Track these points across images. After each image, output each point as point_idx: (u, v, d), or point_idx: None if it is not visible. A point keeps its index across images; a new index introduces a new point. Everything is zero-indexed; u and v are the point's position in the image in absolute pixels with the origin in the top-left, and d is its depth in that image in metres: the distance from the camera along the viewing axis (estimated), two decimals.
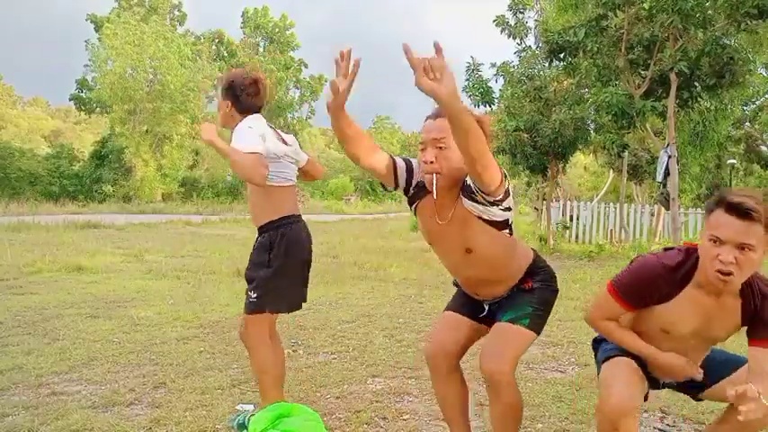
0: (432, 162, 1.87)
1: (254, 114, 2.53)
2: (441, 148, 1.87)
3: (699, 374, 1.89)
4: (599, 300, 1.94)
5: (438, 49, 1.52)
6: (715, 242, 1.64)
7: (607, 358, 1.95)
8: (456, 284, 2.30)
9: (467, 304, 2.20)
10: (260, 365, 2.54)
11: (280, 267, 2.47)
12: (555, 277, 2.15)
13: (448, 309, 2.25)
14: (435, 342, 2.16)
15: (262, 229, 2.55)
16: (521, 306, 2.02)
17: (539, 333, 2.03)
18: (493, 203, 1.86)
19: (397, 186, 2.04)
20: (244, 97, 2.53)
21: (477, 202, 1.87)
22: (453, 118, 1.60)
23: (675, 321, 1.83)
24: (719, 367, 1.98)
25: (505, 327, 1.98)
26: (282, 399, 2.55)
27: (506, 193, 1.85)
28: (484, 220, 1.91)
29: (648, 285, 1.80)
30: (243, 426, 2.55)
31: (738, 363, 1.97)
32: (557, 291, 2.14)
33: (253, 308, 2.49)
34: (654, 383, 2.04)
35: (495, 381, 1.90)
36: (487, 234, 1.94)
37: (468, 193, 1.88)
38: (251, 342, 2.55)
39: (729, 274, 1.63)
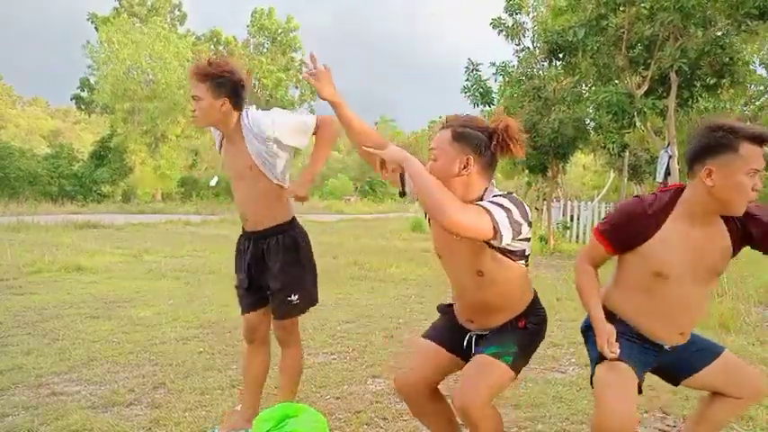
0: None
1: (251, 108, 2.37)
2: (433, 160, 1.83)
3: (611, 354, 1.83)
4: (587, 245, 2.02)
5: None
6: (753, 175, 1.67)
7: (601, 359, 1.87)
8: (441, 311, 2.20)
9: (447, 335, 2.10)
10: (299, 365, 2.59)
11: (309, 264, 2.51)
12: (546, 322, 2.07)
13: (427, 337, 2.13)
14: (411, 371, 2.06)
15: (278, 230, 2.44)
16: (507, 343, 1.91)
17: (517, 374, 1.91)
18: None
19: (404, 192, 1.98)
20: (241, 92, 2.31)
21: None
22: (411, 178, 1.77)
23: (667, 261, 1.81)
24: (699, 356, 1.98)
25: (487, 360, 1.86)
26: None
27: (516, 231, 1.74)
28: (496, 249, 1.83)
29: (629, 223, 1.84)
30: None
31: (718, 352, 1.98)
32: (543, 337, 2.05)
33: (297, 312, 2.46)
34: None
35: (471, 417, 1.80)
36: (500, 261, 1.86)
37: None
38: (293, 342, 2.54)
39: (752, 200, 1.72)
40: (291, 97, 38.53)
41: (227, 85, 2.25)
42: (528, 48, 11.23)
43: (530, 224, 1.81)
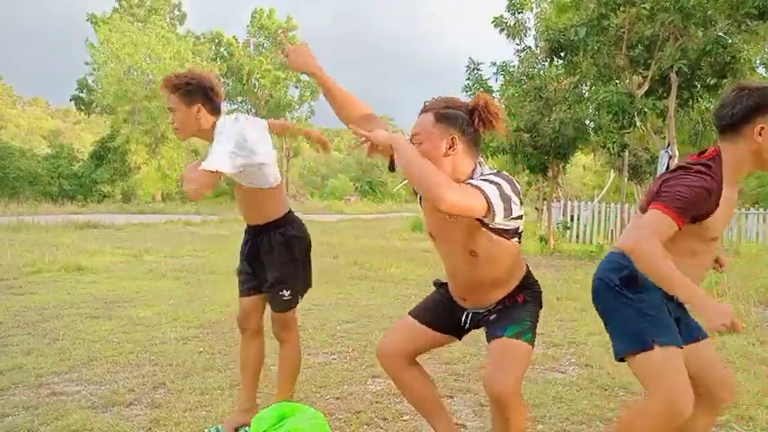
0: None
1: (228, 114, 2.36)
2: (418, 143, 1.84)
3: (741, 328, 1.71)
4: (651, 223, 1.71)
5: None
6: None
7: (653, 344, 1.75)
8: (437, 285, 2.23)
9: (436, 313, 2.13)
10: (297, 362, 2.62)
11: (304, 258, 2.56)
12: (541, 293, 2.10)
13: (414, 316, 2.16)
14: (387, 343, 2.14)
15: (272, 226, 2.48)
16: (521, 321, 1.93)
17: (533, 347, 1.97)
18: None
19: (393, 167, 1.95)
20: (214, 97, 2.31)
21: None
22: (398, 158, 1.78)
23: (720, 225, 1.83)
24: (686, 330, 1.95)
25: (510, 343, 1.88)
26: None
27: (507, 210, 1.75)
28: (490, 228, 1.84)
29: (707, 199, 1.74)
30: None
31: (704, 335, 1.98)
32: (542, 306, 2.08)
33: (290, 305, 2.51)
34: None
35: (504, 402, 1.82)
36: (494, 241, 1.87)
37: None
38: (291, 339, 2.58)
39: None
40: (291, 97, 38.51)
41: (197, 91, 2.26)
42: (529, 47, 11.23)
43: (521, 200, 1.83)
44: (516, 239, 1.92)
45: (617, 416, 2.83)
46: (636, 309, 1.81)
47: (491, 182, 1.75)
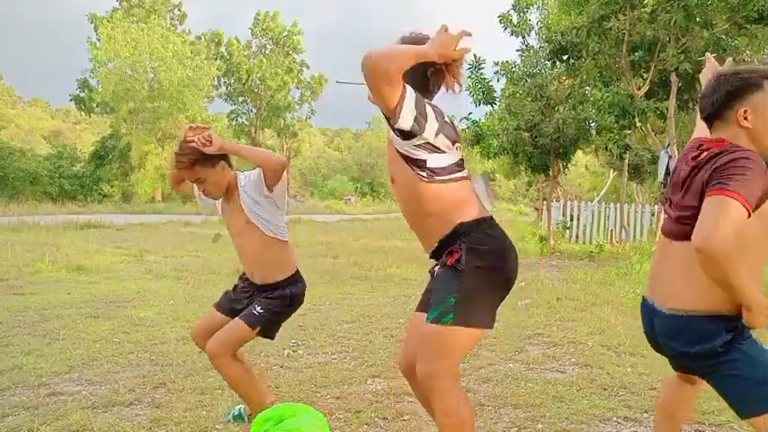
0: None
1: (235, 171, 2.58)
2: None
3: None
4: (721, 215, 1.48)
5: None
6: None
7: None
8: None
9: (426, 294, 2.03)
10: (246, 378, 2.58)
11: (289, 310, 2.62)
12: (501, 250, 1.82)
13: (417, 310, 2.08)
14: (405, 355, 2.06)
15: (283, 284, 2.55)
16: (444, 299, 1.77)
17: (474, 324, 1.77)
18: (399, 133, 1.73)
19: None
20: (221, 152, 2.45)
21: (390, 128, 1.76)
22: None
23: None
24: None
25: (428, 330, 1.78)
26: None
27: (418, 125, 1.69)
28: (399, 153, 1.81)
29: (764, 174, 1.59)
30: (240, 416, 2.60)
31: None
32: (496, 268, 1.80)
33: (257, 321, 2.49)
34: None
35: (427, 387, 1.78)
36: (405, 169, 1.81)
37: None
38: (227, 362, 2.49)
39: None
40: (292, 98, 38.54)
41: (210, 154, 2.38)
42: (532, 47, 11.24)
43: (449, 136, 1.78)
44: (424, 174, 1.78)
45: (617, 416, 2.83)
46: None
47: (419, 99, 1.71)
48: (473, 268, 1.76)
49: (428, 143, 1.76)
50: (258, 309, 2.49)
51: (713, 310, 1.62)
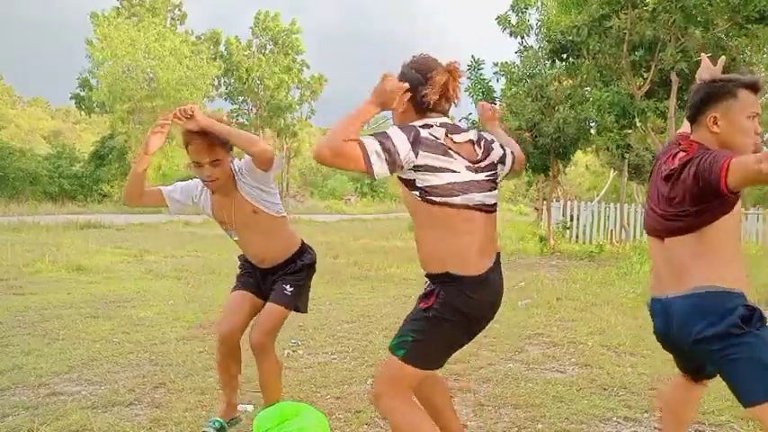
0: None
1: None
2: None
3: None
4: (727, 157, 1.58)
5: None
6: (753, 118, 1.74)
7: None
8: None
9: None
10: (279, 369, 2.59)
11: (308, 282, 2.68)
12: (474, 314, 1.84)
13: None
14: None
15: (292, 259, 2.55)
16: (405, 331, 1.88)
17: (422, 367, 1.84)
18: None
19: None
20: None
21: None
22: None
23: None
24: None
25: (388, 358, 1.90)
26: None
27: (391, 162, 1.71)
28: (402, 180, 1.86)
29: None
30: (222, 428, 2.56)
31: None
32: (462, 325, 1.84)
33: (291, 301, 2.53)
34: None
35: (379, 407, 1.93)
36: (406, 192, 1.86)
37: None
38: (271, 348, 2.51)
39: (755, 143, 1.77)
40: (292, 98, 38.53)
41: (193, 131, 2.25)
42: (531, 47, 11.24)
43: (431, 150, 1.74)
44: (418, 194, 1.78)
45: (617, 416, 2.83)
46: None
47: (377, 135, 1.73)
48: (441, 319, 1.79)
49: (415, 166, 1.74)
50: (288, 288, 2.50)
51: (727, 287, 1.69)
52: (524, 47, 11.26)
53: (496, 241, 1.94)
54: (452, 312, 1.79)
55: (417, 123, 1.79)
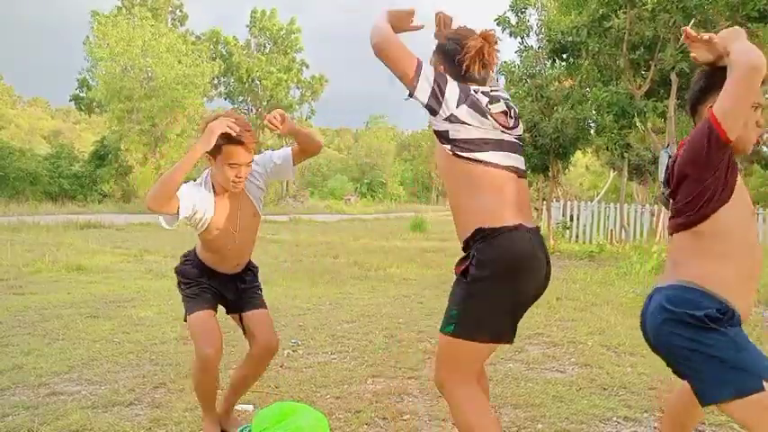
0: None
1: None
2: None
3: None
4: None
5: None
6: (756, 108, 1.69)
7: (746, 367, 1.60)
8: None
9: None
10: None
11: None
12: (512, 266, 1.75)
13: None
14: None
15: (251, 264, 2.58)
16: (450, 307, 1.84)
17: (477, 339, 1.78)
18: (425, 107, 1.80)
19: None
20: None
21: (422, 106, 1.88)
22: None
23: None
24: None
25: (440, 338, 1.87)
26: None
27: (434, 97, 1.77)
28: (433, 131, 1.87)
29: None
30: None
31: None
32: (503, 281, 1.75)
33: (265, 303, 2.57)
34: None
35: (442, 394, 1.90)
36: (439, 146, 1.86)
37: None
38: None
39: (760, 135, 1.77)
40: (292, 98, 38.53)
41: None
42: (531, 47, 11.24)
43: (477, 110, 1.77)
44: (449, 148, 1.78)
45: (617, 416, 2.83)
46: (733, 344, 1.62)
47: (438, 74, 1.80)
48: (477, 280, 1.72)
49: (452, 115, 1.77)
50: (259, 291, 2.54)
51: (709, 289, 1.65)
52: (524, 47, 11.26)
53: (531, 214, 1.90)
54: (491, 266, 1.71)
55: (471, 87, 1.82)
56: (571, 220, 13.92)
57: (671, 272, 1.77)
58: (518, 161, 1.86)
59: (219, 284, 2.46)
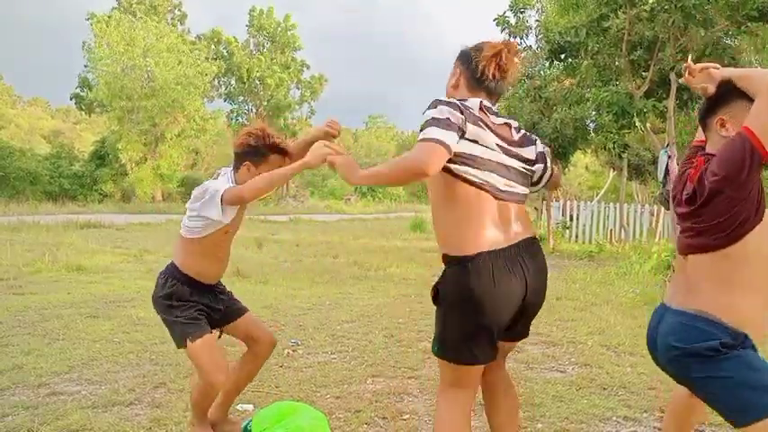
0: None
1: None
2: None
3: None
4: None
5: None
6: None
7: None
8: None
9: None
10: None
11: None
12: (474, 296, 1.70)
13: None
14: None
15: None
16: (436, 326, 1.88)
17: (452, 361, 1.81)
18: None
19: None
20: None
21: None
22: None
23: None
24: None
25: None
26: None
27: (452, 132, 1.70)
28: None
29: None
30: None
31: None
32: (466, 310, 1.73)
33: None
34: None
35: None
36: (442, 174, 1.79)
37: None
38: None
39: None
40: (292, 98, 38.54)
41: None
42: (530, 47, 11.24)
43: (466, 125, 1.70)
44: (467, 171, 1.72)
45: (616, 415, 2.83)
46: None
47: (428, 120, 1.69)
48: (441, 307, 1.77)
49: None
50: (234, 295, 2.58)
51: (720, 319, 1.61)
52: (523, 47, 11.25)
53: (525, 225, 1.82)
54: (448, 296, 1.74)
55: (449, 99, 1.77)
56: (571, 219, 13.92)
57: (685, 295, 1.70)
58: (511, 185, 1.79)
59: (209, 300, 2.42)
